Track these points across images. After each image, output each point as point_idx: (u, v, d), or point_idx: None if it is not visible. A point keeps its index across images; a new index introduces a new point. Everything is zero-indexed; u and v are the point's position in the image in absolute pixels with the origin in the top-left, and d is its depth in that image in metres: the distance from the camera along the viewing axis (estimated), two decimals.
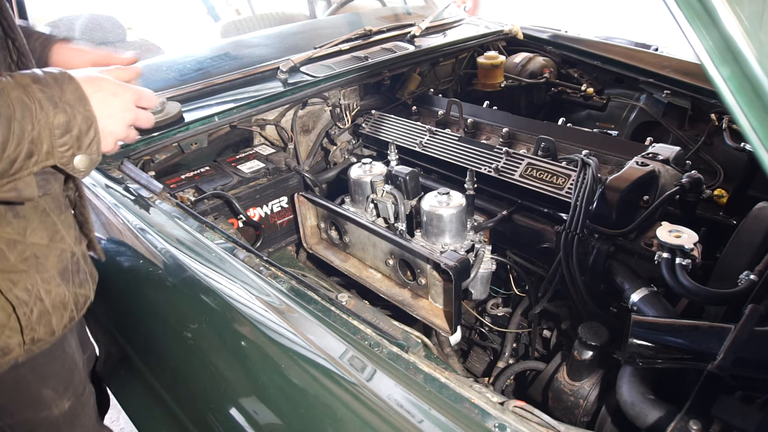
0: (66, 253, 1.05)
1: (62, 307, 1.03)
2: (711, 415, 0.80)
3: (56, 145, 0.82)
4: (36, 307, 0.98)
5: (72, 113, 0.83)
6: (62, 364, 1.17)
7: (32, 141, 0.79)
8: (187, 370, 1.17)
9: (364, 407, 0.88)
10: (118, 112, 0.93)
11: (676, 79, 2.05)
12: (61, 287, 1.03)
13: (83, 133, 0.85)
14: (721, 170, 1.81)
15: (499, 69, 2.33)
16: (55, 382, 1.16)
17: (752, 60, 0.60)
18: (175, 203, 1.42)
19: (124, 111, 0.94)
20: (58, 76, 0.84)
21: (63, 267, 1.04)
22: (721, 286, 1.12)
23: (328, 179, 2.10)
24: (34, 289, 0.97)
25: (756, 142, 0.62)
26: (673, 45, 2.31)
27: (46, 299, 1.00)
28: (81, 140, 0.85)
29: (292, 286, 1.12)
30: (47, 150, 0.81)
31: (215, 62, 2.13)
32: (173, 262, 1.25)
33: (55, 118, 0.81)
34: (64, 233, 1.05)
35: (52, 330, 1.02)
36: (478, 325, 1.73)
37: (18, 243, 0.95)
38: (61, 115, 0.82)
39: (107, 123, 0.91)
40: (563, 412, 1.26)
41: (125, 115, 0.95)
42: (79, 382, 1.23)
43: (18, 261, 0.95)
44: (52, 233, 1.02)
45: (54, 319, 1.02)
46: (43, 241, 1.00)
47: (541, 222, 1.58)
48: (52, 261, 1.02)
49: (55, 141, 0.82)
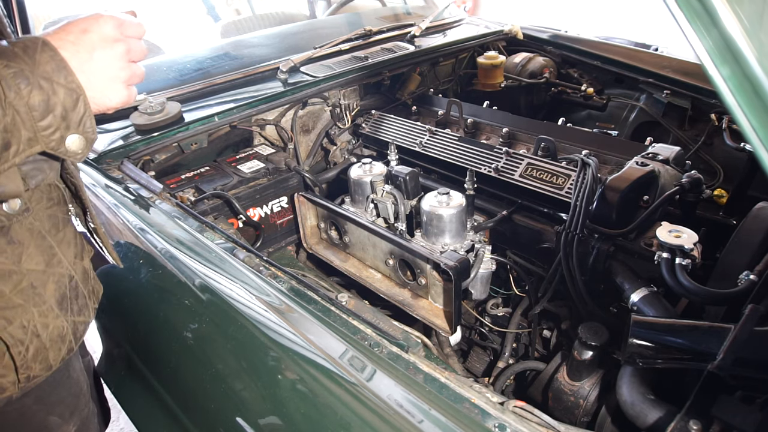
0: (64, 278, 0.97)
1: (60, 340, 0.96)
2: (711, 415, 0.80)
3: (38, 130, 0.70)
4: (32, 345, 0.90)
5: (51, 88, 0.70)
6: (68, 390, 1.12)
7: (6, 129, 0.67)
8: (187, 370, 1.17)
9: (364, 407, 0.88)
10: (109, 71, 0.78)
11: (676, 79, 2.05)
12: (60, 318, 0.95)
13: (69, 109, 0.72)
14: (721, 170, 1.81)
15: (499, 69, 2.33)
16: (61, 408, 1.10)
17: (752, 60, 0.60)
18: (175, 203, 1.42)
19: (117, 69, 0.79)
20: (28, 44, 0.70)
21: (61, 295, 0.96)
22: (721, 286, 1.12)
23: (328, 179, 2.10)
24: (30, 325, 0.89)
25: (756, 142, 0.62)
26: (673, 45, 2.31)
27: (43, 334, 0.92)
28: (68, 118, 0.73)
29: (292, 286, 1.12)
30: (29, 137, 0.70)
31: (215, 62, 2.13)
32: (173, 262, 1.25)
33: (30, 98, 0.68)
34: (62, 256, 0.97)
35: (49, 365, 0.95)
36: (478, 325, 1.73)
37: (13, 273, 0.86)
38: (36, 92, 0.69)
39: (99, 89, 0.77)
40: (563, 412, 1.26)
41: (119, 74, 0.80)
42: (84, 404, 1.19)
43: (14, 294, 0.87)
44: (49, 257, 0.94)
45: (51, 354, 0.94)
46: (39, 267, 0.91)
47: (541, 222, 1.58)
48: (50, 289, 0.93)
49: (36, 125, 0.70)
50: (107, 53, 0.78)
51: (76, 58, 0.74)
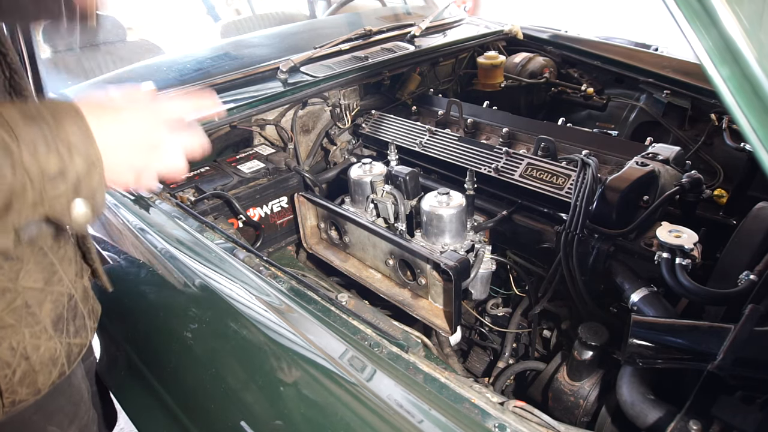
0: (63, 297, 0.92)
1: (51, 363, 0.90)
2: (711, 415, 0.80)
3: (47, 195, 0.66)
4: (20, 368, 0.85)
5: (69, 156, 0.66)
6: (68, 398, 1.09)
7: (10, 190, 0.63)
8: (187, 370, 1.17)
9: (364, 407, 0.88)
10: (130, 136, 0.74)
11: (676, 79, 2.05)
12: (53, 340, 0.90)
13: (82, 179, 0.68)
14: (721, 170, 1.81)
15: (499, 69, 2.33)
16: (60, 417, 1.07)
17: (752, 60, 0.60)
18: (175, 203, 1.42)
19: (139, 134, 0.75)
20: (58, 109, 0.67)
21: (57, 315, 0.91)
22: (721, 286, 1.12)
23: (328, 179, 2.10)
24: (19, 347, 0.84)
25: (756, 142, 0.62)
26: (673, 45, 2.31)
27: (33, 356, 0.87)
28: (79, 188, 0.68)
29: (292, 286, 1.12)
30: (35, 201, 0.65)
31: (215, 62, 2.13)
32: (173, 262, 1.25)
33: (47, 163, 0.64)
34: (63, 273, 0.92)
35: (37, 389, 0.90)
36: (478, 325, 1.73)
37: (7, 291, 0.82)
38: (53, 157, 0.65)
39: (119, 153, 0.73)
40: (563, 412, 1.26)
41: (141, 140, 0.75)
42: (84, 412, 1.16)
43: (5, 313, 0.82)
44: (49, 275, 0.89)
45: (40, 378, 0.89)
46: (37, 284, 0.86)
47: (541, 222, 1.58)
48: (46, 309, 0.88)
49: (45, 190, 0.65)
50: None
51: (105, 134, 0.70)
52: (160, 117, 0.77)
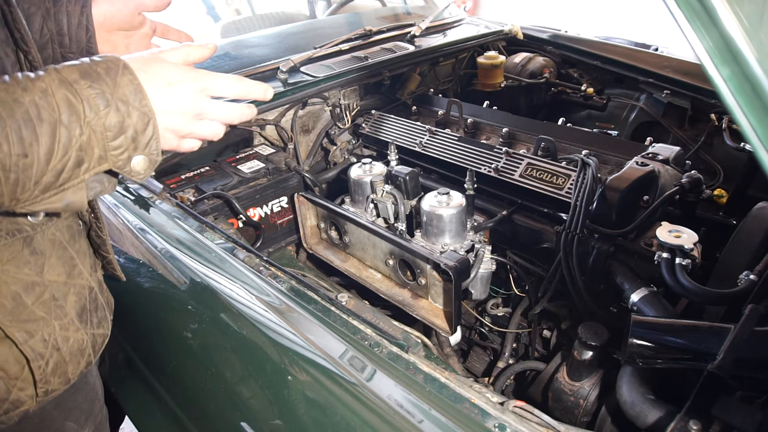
0: (84, 290, 0.97)
1: (79, 353, 0.95)
2: (711, 415, 0.80)
3: (109, 149, 0.72)
4: (52, 359, 0.90)
5: (126, 111, 0.71)
6: (85, 395, 1.12)
7: (81, 148, 0.69)
8: (187, 370, 1.17)
9: (364, 407, 0.88)
10: (177, 104, 0.79)
11: (676, 79, 2.05)
12: (80, 332, 0.95)
13: (139, 132, 0.74)
14: (721, 170, 1.81)
15: (499, 69, 2.33)
16: (77, 414, 1.11)
17: (752, 60, 0.60)
18: (175, 203, 1.42)
19: (186, 103, 0.80)
20: (111, 66, 0.72)
21: (81, 307, 0.96)
22: (721, 286, 1.12)
23: (328, 179, 2.10)
24: (51, 339, 0.89)
25: (756, 142, 0.62)
26: (673, 45, 2.31)
27: (63, 347, 0.92)
28: (137, 140, 0.74)
29: (292, 286, 1.12)
30: (99, 155, 0.71)
31: (215, 62, 2.13)
32: (173, 262, 1.25)
33: (107, 119, 0.70)
34: (81, 266, 0.97)
35: (67, 379, 0.95)
36: (478, 325, 1.73)
37: (36, 285, 0.86)
38: (113, 114, 0.70)
39: (166, 118, 0.78)
40: (563, 412, 1.26)
41: (187, 108, 0.80)
42: (98, 409, 1.19)
43: (36, 306, 0.87)
44: (70, 268, 0.94)
45: (70, 367, 0.94)
46: (61, 278, 0.91)
47: (541, 222, 1.58)
48: (71, 301, 0.93)
49: (108, 144, 0.71)
50: (176, 91, 0.79)
51: (154, 98, 0.76)
52: (206, 91, 0.82)
